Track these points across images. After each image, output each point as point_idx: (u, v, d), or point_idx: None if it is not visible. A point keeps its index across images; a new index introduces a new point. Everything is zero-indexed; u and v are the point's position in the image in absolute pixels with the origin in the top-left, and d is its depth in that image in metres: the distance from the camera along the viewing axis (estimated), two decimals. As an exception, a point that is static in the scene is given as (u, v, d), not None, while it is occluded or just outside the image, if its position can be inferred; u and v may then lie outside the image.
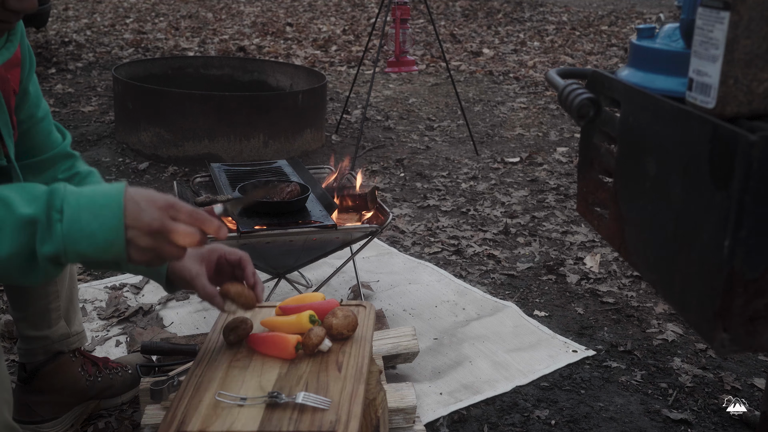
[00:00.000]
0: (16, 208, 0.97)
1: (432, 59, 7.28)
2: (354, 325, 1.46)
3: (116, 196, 1.02)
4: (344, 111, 4.78)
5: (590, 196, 1.18)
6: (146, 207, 1.03)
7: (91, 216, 0.99)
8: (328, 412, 1.21)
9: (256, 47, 7.51)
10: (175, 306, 2.40)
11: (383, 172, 3.94)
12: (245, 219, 2.08)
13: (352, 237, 2.17)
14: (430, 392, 1.97)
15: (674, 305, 0.91)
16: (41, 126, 1.40)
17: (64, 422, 1.76)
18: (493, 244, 3.02)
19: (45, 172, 1.40)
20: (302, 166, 2.53)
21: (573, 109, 1.04)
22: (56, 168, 1.42)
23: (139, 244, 1.03)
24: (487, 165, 4.11)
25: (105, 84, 5.55)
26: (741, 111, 0.80)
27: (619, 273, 2.77)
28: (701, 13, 0.83)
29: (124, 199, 1.02)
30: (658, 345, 2.27)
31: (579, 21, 10.30)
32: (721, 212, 0.76)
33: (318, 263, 2.53)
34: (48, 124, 1.43)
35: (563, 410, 1.93)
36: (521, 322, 2.37)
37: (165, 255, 1.07)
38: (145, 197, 1.05)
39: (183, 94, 3.88)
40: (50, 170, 1.41)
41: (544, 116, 5.27)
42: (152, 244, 1.04)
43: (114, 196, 1.02)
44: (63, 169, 1.44)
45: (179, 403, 1.26)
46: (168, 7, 10.41)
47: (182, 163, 3.84)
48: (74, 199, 1.00)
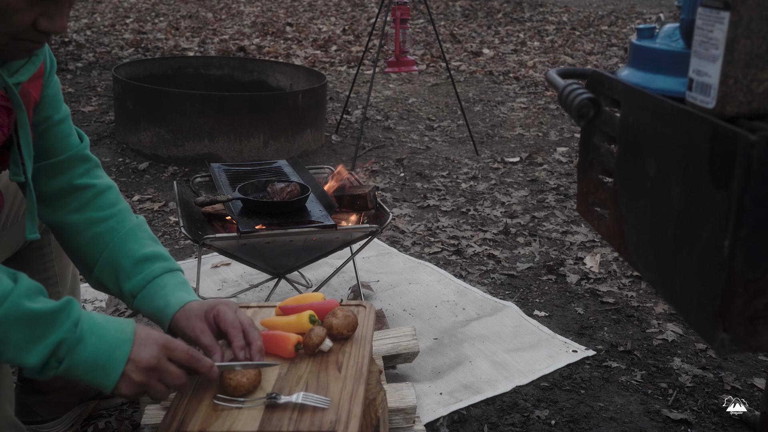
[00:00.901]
0: (23, 359, 1.05)
1: (432, 59, 7.29)
2: (354, 325, 1.46)
3: (128, 334, 1.12)
4: (344, 111, 4.78)
5: (590, 196, 1.18)
6: (147, 342, 1.13)
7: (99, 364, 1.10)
8: (328, 412, 1.21)
9: (256, 47, 7.51)
10: (175, 306, 2.40)
11: (383, 172, 3.94)
12: (245, 219, 2.08)
13: (352, 237, 2.17)
14: (430, 392, 1.97)
15: (674, 305, 0.91)
16: (58, 128, 1.36)
17: (64, 422, 1.76)
18: (493, 244, 3.03)
19: (61, 174, 1.36)
20: (302, 166, 2.53)
21: (573, 109, 1.04)
22: (73, 172, 1.38)
23: (134, 378, 1.12)
24: (487, 165, 4.12)
25: (105, 84, 5.55)
26: (741, 111, 0.80)
27: (619, 273, 2.77)
28: (701, 13, 0.83)
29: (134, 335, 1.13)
30: (658, 345, 2.27)
31: (579, 21, 10.30)
32: (721, 212, 0.76)
33: (318, 263, 2.53)
34: (67, 128, 1.39)
35: (563, 410, 1.93)
36: (521, 322, 2.37)
37: (152, 392, 1.15)
38: (146, 333, 1.14)
39: (183, 94, 3.88)
40: (66, 173, 1.37)
41: (544, 116, 5.28)
42: (144, 379, 1.12)
43: (126, 335, 1.12)
44: (79, 173, 1.39)
45: (179, 403, 1.26)
46: (168, 7, 10.41)
47: (182, 163, 3.84)
48: (79, 356, 1.09)
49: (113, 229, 1.37)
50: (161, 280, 1.34)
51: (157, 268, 1.35)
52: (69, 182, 1.37)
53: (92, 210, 1.37)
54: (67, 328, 1.07)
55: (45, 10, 1.05)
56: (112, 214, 1.39)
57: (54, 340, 1.06)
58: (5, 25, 1.03)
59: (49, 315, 1.06)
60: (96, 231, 1.37)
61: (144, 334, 1.14)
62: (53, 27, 1.07)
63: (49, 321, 1.06)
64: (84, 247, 1.37)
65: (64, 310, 1.08)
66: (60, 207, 1.37)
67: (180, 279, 1.37)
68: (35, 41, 1.09)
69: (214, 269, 2.71)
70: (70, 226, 1.37)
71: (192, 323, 1.29)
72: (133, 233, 1.38)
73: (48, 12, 1.05)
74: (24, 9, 1.02)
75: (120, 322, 1.13)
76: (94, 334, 1.09)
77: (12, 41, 1.06)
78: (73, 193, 1.37)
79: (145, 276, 1.34)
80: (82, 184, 1.38)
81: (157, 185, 3.59)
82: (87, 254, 1.37)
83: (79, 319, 1.09)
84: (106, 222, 1.38)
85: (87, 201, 1.38)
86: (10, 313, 1.03)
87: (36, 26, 1.05)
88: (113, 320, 1.13)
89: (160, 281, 1.34)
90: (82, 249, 1.37)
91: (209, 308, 1.31)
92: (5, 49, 1.08)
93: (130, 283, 1.34)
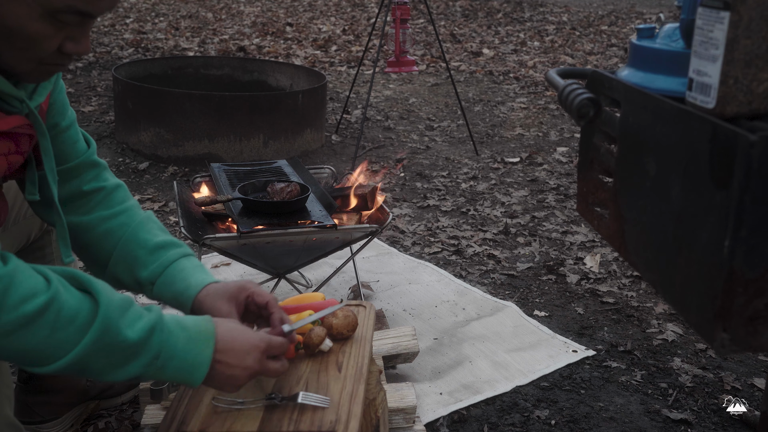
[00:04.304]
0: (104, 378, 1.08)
1: (432, 59, 7.29)
2: (354, 325, 1.46)
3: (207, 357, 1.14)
4: (344, 111, 4.78)
5: (590, 196, 1.18)
6: (243, 350, 1.17)
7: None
8: (328, 412, 1.21)
9: (256, 47, 7.51)
10: (175, 306, 2.40)
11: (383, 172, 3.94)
12: (245, 219, 2.08)
13: (352, 237, 2.17)
14: (430, 392, 1.97)
15: (674, 305, 0.91)
16: (66, 135, 1.35)
17: (64, 422, 1.76)
18: (493, 244, 3.03)
19: (70, 181, 1.36)
20: (302, 166, 2.53)
21: (573, 109, 1.04)
22: (82, 178, 1.38)
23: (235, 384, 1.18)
24: (487, 165, 4.12)
25: (105, 84, 5.55)
26: (741, 111, 0.80)
27: (619, 273, 2.77)
28: (701, 13, 0.83)
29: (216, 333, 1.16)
30: (658, 345, 2.27)
31: (579, 21, 10.30)
32: (721, 212, 0.76)
33: (318, 263, 2.53)
34: (74, 133, 1.38)
35: (563, 410, 1.93)
36: (521, 322, 2.37)
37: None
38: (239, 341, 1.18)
39: (183, 94, 3.88)
40: (75, 180, 1.37)
41: (544, 116, 5.27)
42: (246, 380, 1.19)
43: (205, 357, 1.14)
44: (88, 179, 1.39)
45: (179, 403, 1.26)
46: (168, 7, 10.41)
47: (182, 163, 3.84)
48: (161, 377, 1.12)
49: (124, 224, 1.37)
50: (178, 265, 1.35)
51: (173, 254, 1.36)
52: (78, 188, 1.36)
53: (102, 209, 1.38)
54: (147, 362, 1.08)
55: (70, 33, 1.06)
56: (122, 210, 1.39)
57: (134, 372, 1.07)
58: (32, 52, 1.04)
59: (131, 347, 1.06)
60: (107, 227, 1.37)
61: (238, 345, 1.17)
62: (78, 50, 1.08)
63: (131, 353, 1.06)
64: (96, 245, 1.37)
65: (147, 342, 1.08)
66: (70, 210, 1.36)
67: (196, 262, 1.38)
68: (60, 64, 1.10)
69: (214, 269, 2.71)
70: (81, 226, 1.37)
71: (217, 305, 1.29)
72: (144, 225, 1.39)
73: (73, 35, 1.06)
74: (51, 35, 1.03)
75: (199, 343, 1.14)
76: (176, 358, 1.10)
77: (37, 66, 1.07)
78: (82, 197, 1.37)
79: (162, 262, 1.34)
80: (92, 189, 1.38)
81: (157, 185, 3.59)
82: (99, 251, 1.37)
83: (160, 350, 1.09)
84: (116, 218, 1.38)
85: (97, 202, 1.38)
86: (96, 341, 1.03)
87: (61, 49, 1.06)
88: (193, 339, 1.13)
89: (177, 265, 1.35)
90: (94, 246, 1.37)
91: (237, 290, 1.32)
92: (30, 73, 1.09)
93: (147, 271, 1.34)
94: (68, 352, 1.01)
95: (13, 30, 1.00)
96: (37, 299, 0.99)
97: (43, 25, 1.01)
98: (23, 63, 1.05)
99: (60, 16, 1.01)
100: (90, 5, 1.03)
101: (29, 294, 0.99)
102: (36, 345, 1.00)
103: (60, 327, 1.01)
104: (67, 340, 1.01)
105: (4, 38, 1.01)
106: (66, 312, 1.01)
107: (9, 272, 0.98)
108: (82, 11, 1.02)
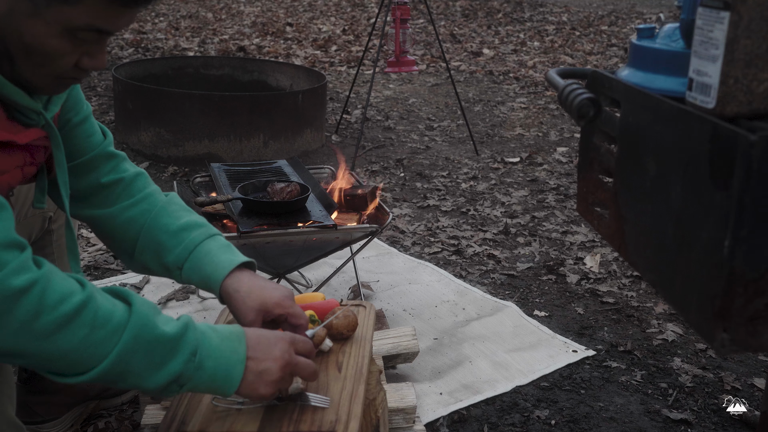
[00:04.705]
0: (143, 384, 1.06)
1: (432, 59, 7.29)
2: (354, 325, 1.46)
3: (241, 354, 1.13)
4: (344, 111, 4.78)
5: (590, 196, 1.18)
6: (271, 343, 1.17)
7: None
8: (328, 412, 1.21)
9: (256, 47, 7.51)
10: (176, 306, 2.40)
11: (383, 172, 3.94)
12: (245, 219, 2.08)
13: (352, 237, 2.17)
14: (430, 392, 1.97)
15: (674, 305, 0.91)
16: (80, 129, 1.35)
17: (64, 422, 1.75)
18: (493, 244, 3.03)
19: (87, 174, 1.35)
20: (302, 166, 2.53)
21: (573, 109, 1.04)
22: (99, 170, 1.37)
23: (267, 380, 1.14)
24: (487, 165, 4.12)
25: (105, 84, 5.55)
26: (741, 111, 0.80)
27: (619, 273, 2.77)
28: (701, 13, 0.83)
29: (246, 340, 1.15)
30: (658, 345, 2.27)
31: (579, 21, 10.30)
32: (721, 212, 0.76)
33: (318, 263, 2.53)
34: (89, 126, 1.37)
35: (563, 410, 1.93)
36: (521, 322, 2.37)
37: (284, 384, 1.18)
38: (265, 337, 1.18)
39: (183, 94, 3.88)
40: (93, 173, 1.36)
41: (544, 116, 5.28)
42: (281, 376, 1.16)
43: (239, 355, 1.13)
44: (106, 171, 1.38)
45: (179, 403, 1.26)
46: (168, 7, 10.41)
47: (182, 163, 3.84)
48: (199, 380, 1.09)
49: (146, 210, 1.37)
50: (204, 247, 1.33)
51: (197, 235, 1.35)
52: (97, 181, 1.36)
53: (124, 198, 1.37)
54: (186, 358, 1.07)
55: (88, 49, 1.07)
56: (144, 197, 1.39)
57: (175, 370, 1.06)
58: (50, 67, 1.05)
59: (169, 341, 1.06)
60: (129, 215, 1.36)
61: (264, 339, 1.16)
62: (95, 65, 1.09)
63: (169, 348, 1.06)
64: (120, 233, 1.36)
65: (183, 337, 1.07)
66: (92, 205, 1.36)
67: (222, 242, 1.36)
68: (76, 78, 1.11)
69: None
70: (103, 216, 1.36)
71: (243, 310, 1.28)
72: (165, 209, 1.38)
73: (90, 51, 1.07)
74: (69, 51, 1.04)
75: (232, 341, 1.13)
76: (211, 358, 1.09)
77: (54, 80, 1.09)
78: (102, 190, 1.36)
79: (187, 245, 1.33)
80: (110, 181, 1.37)
81: (157, 185, 3.58)
82: (124, 240, 1.37)
83: (197, 346, 1.08)
84: (138, 205, 1.37)
85: (118, 194, 1.38)
86: (136, 337, 1.03)
87: (78, 65, 1.07)
88: (226, 338, 1.13)
89: (203, 248, 1.33)
90: (119, 235, 1.37)
91: (274, 306, 1.29)
92: (46, 87, 1.10)
93: (172, 256, 1.33)
94: (109, 352, 1.01)
95: (32, 47, 1.02)
96: (75, 298, 0.99)
97: (62, 42, 1.02)
98: (41, 78, 1.07)
99: (79, 34, 1.02)
100: (109, 23, 1.04)
101: (67, 293, 0.99)
102: (77, 345, 0.99)
103: (99, 325, 1.00)
104: (106, 338, 1.01)
105: (22, 54, 1.03)
106: (103, 311, 1.01)
107: (45, 274, 0.99)
108: (101, 29, 1.04)
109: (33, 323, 0.95)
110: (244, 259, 1.33)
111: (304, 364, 1.18)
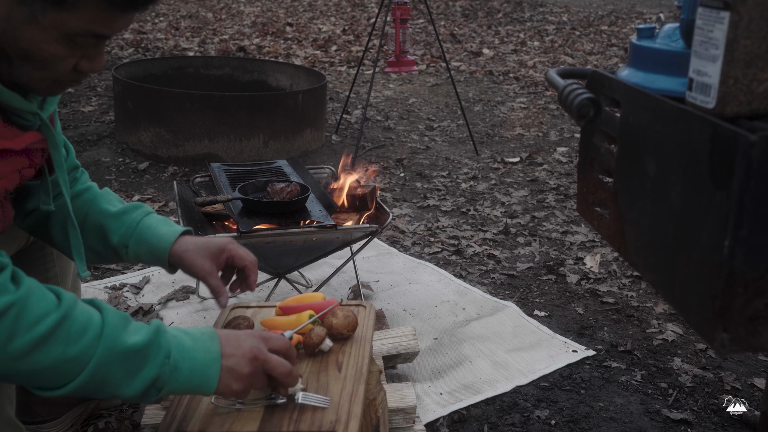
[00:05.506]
0: (121, 393, 1.07)
1: (432, 59, 7.29)
2: (354, 325, 1.46)
3: (215, 353, 1.13)
4: (344, 111, 4.78)
5: (590, 196, 1.18)
6: (241, 338, 1.17)
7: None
8: (328, 412, 1.21)
9: (256, 47, 7.51)
10: (175, 306, 2.40)
11: (383, 172, 3.94)
12: (245, 219, 2.08)
13: (352, 237, 2.17)
14: (430, 392, 1.97)
15: (674, 305, 0.91)
16: None
17: (64, 422, 1.75)
18: (493, 244, 3.02)
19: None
20: (302, 166, 2.53)
21: (573, 109, 1.04)
22: None
23: (239, 373, 1.14)
24: (487, 165, 4.12)
25: (105, 84, 5.55)
26: (741, 111, 0.80)
27: (619, 273, 2.77)
28: (701, 13, 0.83)
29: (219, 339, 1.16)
30: (658, 345, 2.27)
31: (579, 21, 10.30)
32: (721, 212, 0.76)
33: (318, 263, 2.53)
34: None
35: (563, 410, 1.93)
36: (521, 322, 2.37)
37: (256, 383, 1.18)
38: (235, 335, 1.18)
39: (183, 94, 3.88)
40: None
41: (544, 116, 5.28)
42: (251, 370, 1.15)
43: (213, 353, 1.13)
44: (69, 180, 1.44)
45: (179, 404, 1.26)
46: (168, 7, 10.41)
47: (182, 163, 3.84)
48: (176, 382, 1.10)
49: (88, 200, 1.44)
50: (145, 222, 1.42)
51: (137, 214, 1.43)
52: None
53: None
54: (160, 362, 1.08)
55: (86, 53, 1.08)
56: (84, 189, 1.46)
57: (150, 375, 1.07)
58: (48, 71, 1.06)
59: (141, 349, 1.07)
60: (75, 205, 1.42)
61: (233, 336, 1.18)
62: (93, 68, 1.10)
63: (143, 355, 1.07)
64: (65, 225, 1.40)
65: (156, 341, 1.08)
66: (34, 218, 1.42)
67: (160, 218, 1.45)
68: (74, 81, 1.13)
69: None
70: (50, 212, 1.41)
71: (200, 262, 1.35)
72: (105, 197, 1.47)
73: (88, 54, 1.08)
74: (67, 56, 1.05)
75: (205, 341, 1.15)
76: (186, 359, 1.10)
77: (52, 83, 1.10)
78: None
79: (129, 225, 1.41)
80: (79, 191, 1.45)
81: (157, 185, 3.59)
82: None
83: (170, 349, 1.09)
84: (80, 197, 1.44)
85: None
86: (109, 349, 1.04)
87: (77, 68, 1.09)
88: (198, 338, 1.15)
89: (144, 223, 1.42)
90: (64, 228, 1.40)
91: (218, 250, 1.38)
92: (44, 90, 1.11)
93: (117, 236, 1.40)
94: (85, 366, 1.02)
95: (29, 52, 1.03)
96: (49, 318, 1.01)
97: (60, 47, 1.03)
98: (39, 81, 1.08)
99: (76, 39, 1.03)
100: (106, 28, 1.05)
101: (42, 314, 1.01)
102: (52, 363, 1.00)
103: (72, 341, 1.02)
104: (81, 353, 1.02)
105: (21, 59, 1.04)
106: (77, 326, 1.03)
107: (22, 296, 1.00)
108: (98, 34, 1.05)
109: (7, 346, 0.97)
110: (184, 228, 1.43)
111: (275, 361, 1.17)
